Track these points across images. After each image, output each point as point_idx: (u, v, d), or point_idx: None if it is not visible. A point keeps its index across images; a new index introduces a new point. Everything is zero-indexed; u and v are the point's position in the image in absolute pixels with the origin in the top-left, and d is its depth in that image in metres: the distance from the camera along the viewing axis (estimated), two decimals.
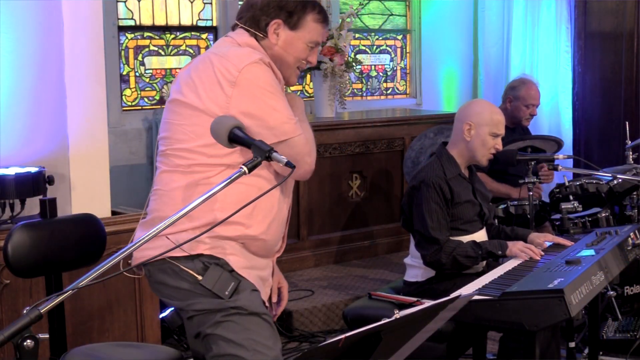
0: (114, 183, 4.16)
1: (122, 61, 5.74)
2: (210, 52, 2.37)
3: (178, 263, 2.30)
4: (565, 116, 6.92)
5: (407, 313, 1.72)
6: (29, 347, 1.54)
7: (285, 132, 2.28)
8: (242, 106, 2.25)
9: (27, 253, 2.88)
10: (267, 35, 2.41)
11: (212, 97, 2.27)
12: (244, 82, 2.25)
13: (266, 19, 2.40)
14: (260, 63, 2.29)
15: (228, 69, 2.26)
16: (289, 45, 2.42)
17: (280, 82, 2.41)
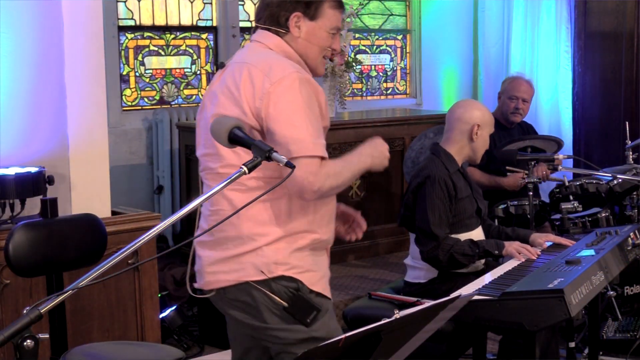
0: (114, 183, 4.16)
1: (122, 61, 5.74)
2: (246, 62, 2.35)
3: (261, 287, 2.33)
4: (565, 116, 6.92)
5: (407, 313, 1.72)
6: (29, 347, 1.54)
7: (297, 149, 2.23)
8: (269, 119, 2.25)
9: (28, 253, 2.88)
10: (288, 30, 2.40)
11: (253, 109, 2.28)
12: (275, 95, 2.25)
13: (285, 13, 2.40)
14: (294, 76, 2.28)
15: (263, 81, 2.27)
16: (311, 36, 2.42)
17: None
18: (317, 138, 2.26)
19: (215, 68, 6.22)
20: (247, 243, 2.32)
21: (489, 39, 7.20)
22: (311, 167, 2.22)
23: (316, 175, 2.23)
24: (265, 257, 2.31)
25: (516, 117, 4.93)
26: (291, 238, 2.34)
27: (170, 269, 5.02)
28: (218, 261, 2.38)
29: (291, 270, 2.34)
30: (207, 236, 2.42)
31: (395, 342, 1.78)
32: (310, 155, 2.23)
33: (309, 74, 2.41)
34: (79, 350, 2.93)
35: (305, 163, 2.22)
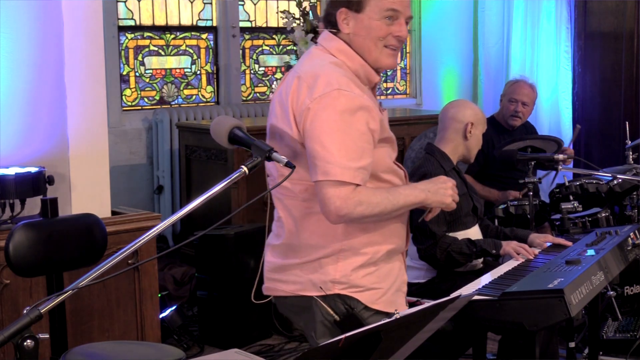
0: (114, 183, 4.16)
1: (122, 61, 5.74)
2: (298, 73, 2.29)
3: (318, 299, 2.32)
4: (565, 116, 6.92)
5: (407, 313, 1.72)
6: (29, 347, 1.54)
7: (323, 172, 2.15)
8: (305, 135, 2.19)
9: (28, 252, 2.88)
10: (340, 29, 2.32)
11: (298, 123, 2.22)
12: (312, 112, 2.18)
13: (333, 12, 2.32)
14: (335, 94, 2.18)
15: (305, 96, 2.20)
16: (361, 29, 2.29)
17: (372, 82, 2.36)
18: (351, 161, 2.15)
19: (216, 68, 6.22)
20: (304, 254, 2.31)
21: (489, 39, 7.20)
22: (339, 191, 2.14)
23: (345, 200, 2.14)
24: (324, 274, 2.29)
25: (515, 120, 4.90)
26: (352, 253, 2.29)
27: (170, 269, 5.02)
28: (278, 269, 2.40)
29: (348, 289, 2.30)
30: (274, 240, 2.42)
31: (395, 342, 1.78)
32: (337, 180, 2.13)
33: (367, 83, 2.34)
34: (79, 350, 2.93)
35: (333, 187, 2.14)
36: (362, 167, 2.17)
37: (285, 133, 2.25)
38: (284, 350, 4.39)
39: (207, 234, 4.34)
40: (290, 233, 2.33)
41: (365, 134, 2.19)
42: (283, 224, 2.36)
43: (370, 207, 2.17)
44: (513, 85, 4.98)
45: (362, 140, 2.18)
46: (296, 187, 2.28)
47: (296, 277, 2.33)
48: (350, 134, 2.16)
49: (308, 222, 2.28)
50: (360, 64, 2.31)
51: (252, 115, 6.04)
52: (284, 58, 6.60)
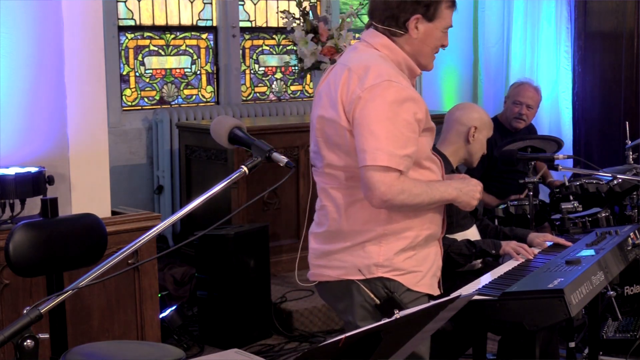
0: (114, 183, 4.16)
1: (122, 61, 5.75)
2: (347, 64, 2.41)
3: (360, 284, 2.44)
4: (565, 116, 6.92)
5: (407, 313, 1.72)
6: (29, 347, 1.54)
7: (371, 158, 2.27)
8: (354, 123, 2.31)
9: (28, 252, 2.88)
10: (407, 31, 2.45)
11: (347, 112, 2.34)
12: (363, 101, 2.30)
13: (405, 15, 2.43)
14: (386, 84, 2.31)
15: (356, 85, 2.32)
16: (428, 37, 2.46)
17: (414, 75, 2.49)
18: (397, 149, 2.27)
19: (216, 68, 6.22)
20: (349, 239, 2.42)
21: (489, 39, 7.20)
22: (385, 177, 2.26)
23: (390, 187, 2.27)
24: (367, 258, 2.40)
25: (519, 123, 4.90)
26: (394, 237, 2.41)
27: (170, 269, 5.02)
28: (323, 254, 2.49)
29: (391, 272, 2.42)
30: (317, 228, 2.53)
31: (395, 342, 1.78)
32: (383, 166, 2.26)
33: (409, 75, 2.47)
34: (79, 350, 2.93)
35: (379, 172, 2.26)
36: (406, 155, 2.30)
37: (334, 122, 2.37)
38: (284, 350, 4.39)
39: (207, 234, 4.34)
40: (335, 220, 2.44)
41: (411, 124, 2.32)
42: (327, 212, 2.47)
43: (411, 197, 2.31)
44: (518, 87, 4.97)
45: (408, 129, 2.30)
46: (342, 175, 2.40)
47: (340, 262, 2.44)
48: (398, 123, 2.28)
49: (352, 209, 2.40)
50: (403, 57, 2.45)
51: (252, 115, 6.04)
52: (284, 58, 6.60)
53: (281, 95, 6.60)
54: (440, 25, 2.48)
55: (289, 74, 6.64)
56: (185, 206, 1.82)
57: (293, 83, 6.69)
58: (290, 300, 4.72)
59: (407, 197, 2.31)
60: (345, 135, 2.35)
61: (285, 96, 6.63)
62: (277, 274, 5.12)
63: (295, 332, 4.58)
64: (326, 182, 2.46)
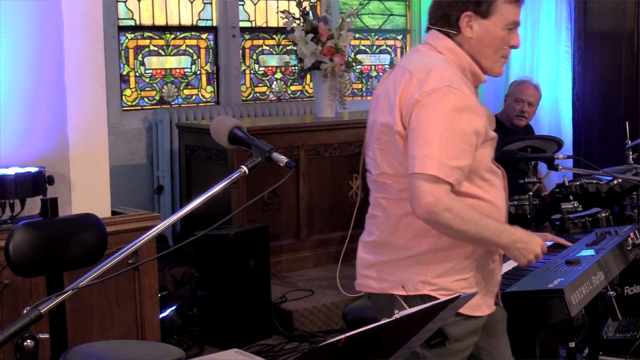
0: (114, 183, 4.16)
1: (122, 61, 5.75)
2: (408, 68, 2.27)
3: (402, 300, 2.29)
4: (565, 116, 6.92)
5: (407, 313, 1.72)
6: (29, 347, 1.54)
7: (420, 165, 2.12)
8: (409, 128, 2.18)
9: (28, 252, 2.88)
10: (460, 30, 2.29)
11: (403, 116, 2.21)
12: (420, 105, 2.17)
13: (456, 13, 2.28)
14: (445, 90, 2.17)
15: (415, 89, 2.19)
16: (485, 36, 2.30)
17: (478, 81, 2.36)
18: (449, 159, 2.13)
19: (216, 68, 6.22)
20: (397, 252, 2.30)
21: None
22: (434, 189, 2.11)
23: (437, 200, 2.11)
24: (414, 274, 2.28)
25: (521, 120, 4.90)
26: (444, 254, 2.26)
27: (170, 269, 5.02)
28: (370, 265, 2.39)
29: (438, 291, 2.28)
30: (366, 237, 2.42)
31: (395, 342, 1.78)
32: (432, 175, 2.11)
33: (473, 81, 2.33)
34: (79, 350, 2.93)
35: (427, 182, 2.12)
36: (458, 167, 2.15)
37: (389, 127, 2.25)
38: (284, 350, 4.39)
39: (207, 234, 4.34)
40: (384, 232, 2.33)
41: (468, 135, 2.17)
42: (377, 222, 2.36)
43: (457, 220, 2.14)
44: (518, 85, 4.98)
45: (464, 140, 2.16)
46: (394, 185, 2.28)
47: (386, 275, 2.33)
48: (454, 132, 2.15)
49: (403, 221, 2.28)
50: (468, 63, 2.31)
51: (252, 115, 6.04)
52: (284, 58, 6.60)
53: (281, 95, 6.60)
54: (500, 22, 2.29)
55: (289, 74, 6.64)
56: (185, 206, 1.82)
57: (293, 83, 6.69)
58: (290, 300, 4.72)
59: (453, 218, 2.13)
60: (398, 141, 2.22)
61: (285, 96, 6.63)
62: (277, 274, 5.12)
63: (295, 332, 4.58)
64: (378, 190, 2.35)
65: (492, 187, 2.34)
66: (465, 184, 2.23)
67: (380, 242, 2.35)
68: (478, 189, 2.29)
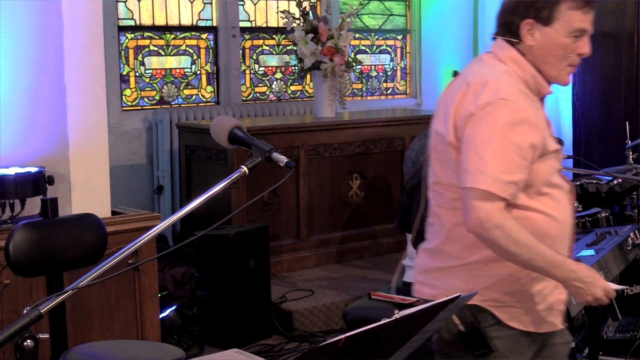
0: (114, 183, 4.16)
1: (122, 61, 5.75)
2: (466, 79, 2.23)
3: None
4: (565, 116, 6.92)
5: (407, 313, 1.72)
6: (29, 347, 1.54)
7: (473, 180, 2.08)
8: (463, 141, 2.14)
9: (28, 252, 2.88)
10: (521, 38, 2.23)
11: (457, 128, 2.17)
12: (474, 119, 2.12)
13: (516, 21, 2.22)
14: (500, 103, 2.11)
15: (470, 102, 2.15)
16: (547, 44, 2.23)
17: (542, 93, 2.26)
18: (502, 174, 2.08)
19: (216, 68, 6.22)
20: (449, 260, 2.26)
21: (489, 39, 7.19)
22: (486, 204, 2.07)
23: (489, 216, 2.07)
24: (465, 282, 2.21)
25: None
26: (496, 264, 2.18)
27: (170, 269, 5.02)
28: (425, 271, 2.36)
29: (488, 302, 2.22)
30: (425, 243, 2.38)
31: (395, 342, 1.78)
32: (485, 191, 2.07)
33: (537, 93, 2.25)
34: (79, 349, 2.93)
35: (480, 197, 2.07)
36: (512, 182, 2.09)
37: (443, 137, 2.22)
38: (284, 350, 4.39)
39: (207, 234, 4.34)
40: (438, 239, 2.30)
41: (523, 150, 2.11)
42: (434, 230, 2.33)
43: (507, 240, 2.08)
44: None
45: (518, 154, 2.10)
46: (448, 195, 2.24)
47: (438, 282, 2.29)
48: (508, 146, 2.09)
49: (456, 230, 2.23)
50: (531, 75, 2.24)
51: (252, 115, 6.04)
52: (284, 58, 6.60)
53: (281, 95, 6.61)
54: (563, 29, 2.23)
55: (289, 74, 6.65)
56: (185, 206, 1.82)
57: (293, 83, 6.69)
58: (290, 300, 4.72)
59: (503, 238, 2.07)
60: (452, 152, 2.18)
61: (285, 96, 6.63)
62: (277, 274, 5.12)
63: (295, 332, 4.58)
64: (434, 199, 2.32)
65: (553, 201, 2.24)
66: (523, 197, 2.17)
67: (435, 250, 2.32)
68: (536, 202, 2.21)
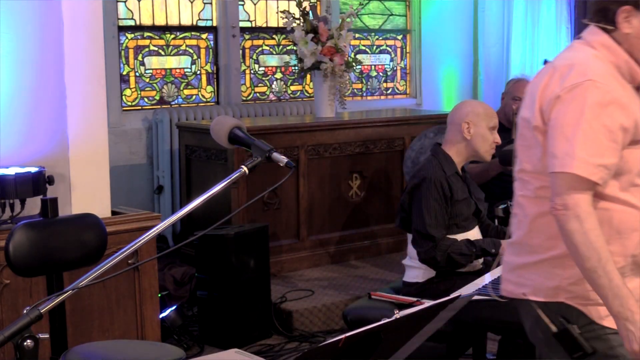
0: (114, 183, 4.16)
1: (122, 61, 5.75)
2: (554, 64, 2.20)
3: (537, 307, 2.19)
4: None
5: (407, 313, 1.72)
6: (29, 347, 1.54)
7: (561, 164, 2.03)
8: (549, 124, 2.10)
9: (28, 252, 2.88)
10: (617, 26, 2.16)
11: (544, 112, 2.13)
12: (561, 101, 2.08)
13: (613, 7, 2.16)
14: (588, 84, 2.06)
15: (557, 85, 2.11)
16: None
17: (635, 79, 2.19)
18: (591, 156, 2.02)
19: (216, 68, 6.22)
20: (534, 254, 2.19)
21: (489, 39, 7.20)
22: (575, 190, 2.01)
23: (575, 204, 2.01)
24: (549, 279, 2.16)
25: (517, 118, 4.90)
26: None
27: (170, 269, 5.02)
28: (511, 269, 2.29)
29: (574, 300, 2.14)
30: (510, 239, 2.32)
31: (395, 342, 1.78)
32: (573, 174, 2.02)
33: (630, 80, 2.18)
34: (79, 349, 2.93)
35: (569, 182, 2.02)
36: (603, 165, 2.03)
37: (528, 122, 2.18)
38: (284, 350, 4.39)
39: (207, 234, 4.34)
40: (521, 231, 2.24)
41: (612, 132, 2.05)
42: (517, 222, 2.27)
43: (581, 237, 2.01)
44: (516, 83, 4.97)
45: (608, 137, 2.04)
46: (533, 182, 2.19)
47: (524, 280, 2.22)
48: (597, 128, 2.04)
49: (540, 221, 2.17)
50: (624, 60, 2.17)
51: (252, 115, 6.04)
52: (284, 58, 6.60)
53: (281, 95, 6.61)
54: None
55: (289, 74, 6.65)
56: (185, 206, 1.82)
57: (293, 83, 6.69)
58: (290, 300, 4.72)
59: (579, 233, 2.01)
60: (536, 137, 2.14)
61: (285, 96, 6.63)
62: (277, 274, 5.12)
63: (295, 332, 4.58)
64: (518, 188, 2.26)
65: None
66: (614, 187, 2.11)
67: (518, 243, 2.26)
68: (629, 194, 2.12)
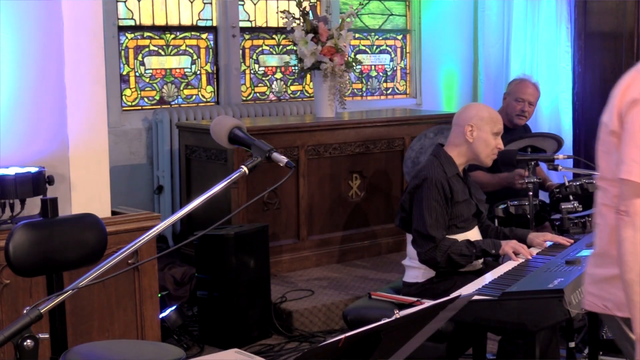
0: (114, 183, 4.16)
1: (122, 61, 5.75)
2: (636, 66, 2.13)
3: (621, 323, 2.14)
4: (565, 116, 6.92)
5: (407, 313, 1.72)
6: (29, 347, 1.54)
7: (625, 171, 2.00)
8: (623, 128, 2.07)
9: (28, 252, 2.88)
10: None
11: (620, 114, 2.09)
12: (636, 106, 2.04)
13: None
14: None
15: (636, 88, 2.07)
16: None
17: None
18: None
19: (216, 68, 6.22)
20: (616, 266, 2.08)
21: (489, 39, 7.20)
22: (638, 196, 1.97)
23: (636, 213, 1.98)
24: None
25: (521, 119, 4.89)
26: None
27: (170, 269, 5.02)
28: (593, 281, 2.22)
29: None
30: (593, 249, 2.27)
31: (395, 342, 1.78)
32: (637, 182, 1.99)
33: None
34: (79, 349, 2.93)
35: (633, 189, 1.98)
36: None
37: (606, 126, 2.14)
38: (284, 350, 4.39)
39: (207, 234, 4.34)
40: (603, 241, 2.18)
41: None
42: (599, 232, 2.22)
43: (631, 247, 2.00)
44: (519, 84, 4.97)
45: None
46: (610, 190, 2.15)
47: (606, 294, 2.16)
48: None
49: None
50: None
51: (252, 115, 6.04)
52: (284, 58, 6.60)
53: (281, 95, 6.60)
54: None
55: (289, 74, 6.64)
56: (185, 206, 1.82)
57: (293, 83, 6.69)
58: (290, 300, 4.72)
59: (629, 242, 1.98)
60: (612, 141, 2.11)
61: (285, 96, 6.63)
62: (277, 274, 5.12)
63: (295, 332, 4.58)
64: (599, 196, 2.22)
65: None
66: None
67: (601, 254, 2.20)
68: None
